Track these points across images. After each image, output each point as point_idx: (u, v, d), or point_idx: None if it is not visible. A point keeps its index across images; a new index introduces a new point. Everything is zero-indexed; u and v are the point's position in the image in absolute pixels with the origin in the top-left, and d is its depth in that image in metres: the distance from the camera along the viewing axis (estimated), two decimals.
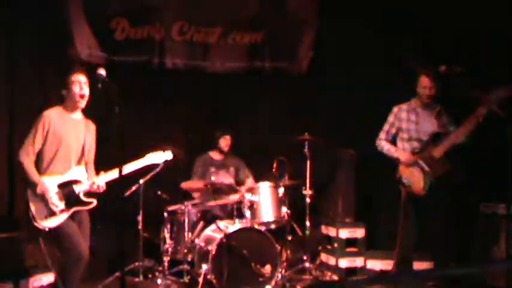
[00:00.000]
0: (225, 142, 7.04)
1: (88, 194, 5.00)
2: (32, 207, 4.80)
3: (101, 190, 5.00)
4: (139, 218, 6.37)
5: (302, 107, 7.60)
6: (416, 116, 5.68)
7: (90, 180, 4.99)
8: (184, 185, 6.93)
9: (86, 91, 5.01)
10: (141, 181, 6.32)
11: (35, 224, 4.79)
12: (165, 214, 6.38)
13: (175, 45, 7.32)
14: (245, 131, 7.69)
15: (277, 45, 7.55)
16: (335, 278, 6.67)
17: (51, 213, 4.80)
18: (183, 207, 6.31)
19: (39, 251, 5.89)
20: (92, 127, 5.18)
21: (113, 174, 4.92)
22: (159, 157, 5.43)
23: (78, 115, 5.11)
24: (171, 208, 6.44)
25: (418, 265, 6.17)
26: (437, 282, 5.82)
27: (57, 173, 4.90)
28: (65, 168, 4.94)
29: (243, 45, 7.47)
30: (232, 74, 7.52)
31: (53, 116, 4.97)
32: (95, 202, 5.01)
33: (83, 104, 5.03)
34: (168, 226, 6.37)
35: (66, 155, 4.96)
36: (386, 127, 5.90)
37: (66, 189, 4.89)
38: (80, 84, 4.98)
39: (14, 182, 6.53)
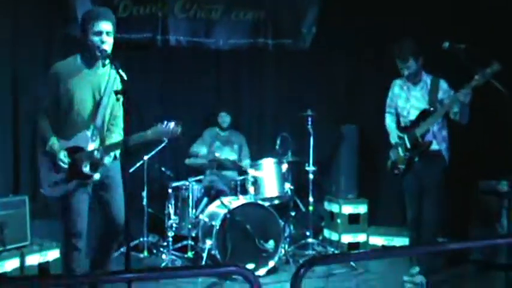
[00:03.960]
0: (221, 119, 7.14)
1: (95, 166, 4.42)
2: (40, 173, 4.46)
3: (102, 162, 4.39)
4: (144, 194, 6.43)
5: (305, 83, 7.61)
6: (408, 92, 5.55)
7: (94, 149, 4.39)
8: (188, 161, 6.99)
9: (108, 45, 4.33)
10: (145, 157, 6.38)
11: (41, 191, 4.50)
12: (169, 190, 6.44)
13: (179, 22, 7.30)
14: (248, 107, 7.75)
15: (281, 21, 7.52)
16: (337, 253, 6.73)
17: (55, 183, 4.39)
18: (187, 183, 6.36)
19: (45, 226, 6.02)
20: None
21: (117, 146, 4.40)
22: (166, 130, 4.41)
23: (100, 68, 4.44)
24: (175, 184, 6.50)
25: None
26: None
27: (67, 135, 4.42)
28: (75, 131, 4.41)
29: (246, 22, 7.44)
30: (236, 50, 7.51)
31: (63, 69, 4.40)
32: (96, 176, 4.40)
33: (107, 60, 4.32)
34: (172, 202, 6.43)
35: (77, 117, 4.40)
36: (388, 100, 5.81)
37: (71, 157, 4.39)
38: (102, 36, 4.31)
39: (19, 163, 6.60)
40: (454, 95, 5.23)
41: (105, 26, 4.33)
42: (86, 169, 4.39)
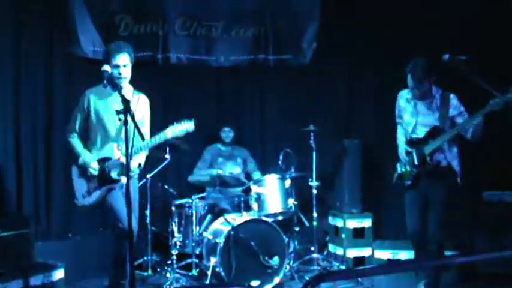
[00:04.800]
0: (225, 134, 7.19)
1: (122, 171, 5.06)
2: (74, 186, 5.13)
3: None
4: (147, 212, 6.43)
5: (307, 98, 7.63)
6: (415, 106, 5.39)
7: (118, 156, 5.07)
8: (191, 178, 6.99)
9: (126, 73, 5.12)
10: (148, 176, 6.38)
11: (75, 201, 5.15)
12: (173, 208, 6.42)
13: (179, 40, 7.32)
14: (251, 123, 7.75)
15: (281, 37, 7.53)
16: (343, 268, 6.70)
17: (88, 192, 5.07)
18: (190, 201, 6.35)
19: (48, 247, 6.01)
20: (143, 101, 5.33)
21: (140, 149, 5.01)
22: (181, 128, 5.24)
23: (123, 91, 5.02)
24: (178, 202, 6.49)
25: None
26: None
27: (95, 149, 5.13)
28: (103, 145, 5.11)
29: (246, 38, 7.46)
30: (237, 67, 7.52)
31: (93, 93, 5.14)
32: (122, 180, 5.06)
33: (123, 82, 5.10)
34: (176, 220, 6.41)
35: (106, 132, 5.10)
36: (396, 112, 5.64)
37: (101, 166, 5.07)
38: (118, 68, 5.06)
39: (21, 180, 6.60)
40: (467, 120, 5.09)
41: (121, 60, 5.08)
42: (114, 174, 5.07)
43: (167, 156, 6.31)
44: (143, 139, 4.60)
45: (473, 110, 5.06)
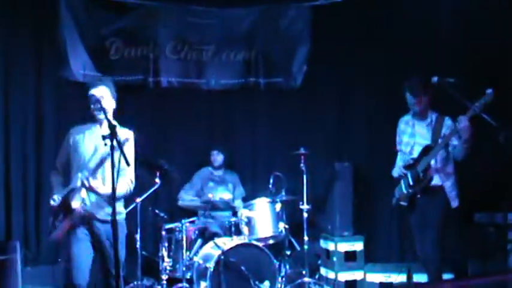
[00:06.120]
0: (213, 157, 7.18)
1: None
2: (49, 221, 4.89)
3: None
4: (138, 236, 6.38)
5: (298, 121, 7.63)
6: (413, 128, 5.60)
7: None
8: (182, 203, 6.97)
9: (103, 105, 4.72)
10: (138, 200, 6.34)
11: (48, 237, 4.95)
12: (163, 232, 6.38)
13: (170, 63, 7.35)
14: (242, 146, 7.73)
15: (271, 61, 7.57)
16: None
17: (53, 225, 4.80)
18: (180, 225, 6.32)
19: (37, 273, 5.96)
20: (125, 135, 4.78)
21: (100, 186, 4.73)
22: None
23: (103, 126, 4.80)
24: (168, 226, 6.45)
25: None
26: None
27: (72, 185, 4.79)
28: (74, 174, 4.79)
29: (236, 62, 7.50)
30: (227, 90, 7.54)
31: (75, 129, 4.95)
32: (78, 206, 4.69)
33: (102, 116, 4.72)
34: (166, 244, 6.36)
35: (81, 168, 4.76)
36: (396, 139, 5.81)
37: (65, 201, 4.75)
38: (92, 101, 4.81)
39: (11, 205, 6.57)
40: (453, 129, 5.24)
41: (97, 91, 4.82)
42: (75, 202, 4.68)
43: (157, 180, 6.28)
44: (128, 165, 4.37)
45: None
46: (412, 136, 5.58)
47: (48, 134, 6.83)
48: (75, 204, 4.68)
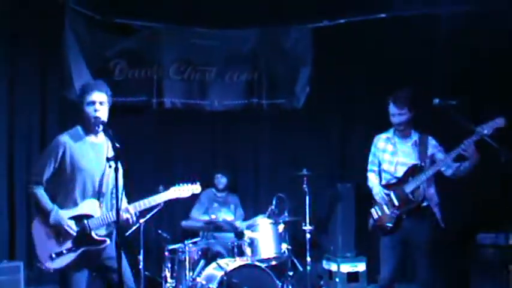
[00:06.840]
0: (217, 180, 7.20)
1: (102, 230, 4.42)
2: (37, 245, 4.31)
3: (131, 221, 4.52)
4: (141, 257, 6.38)
5: (300, 142, 7.65)
6: (394, 146, 5.40)
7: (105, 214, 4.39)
8: (186, 224, 6.97)
9: (102, 114, 4.43)
10: (142, 220, 6.34)
11: (38, 265, 4.32)
12: (166, 253, 6.39)
13: (173, 84, 7.40)
14: (244, 167, 7.76)
15: (274, 82, 7.63)
16: None
17: (58, 254, 4.29)
18: (183, 246, 6.32)
19: None
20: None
21: (142, 204, 4.57)
22: (187, 190, 5.01)
23: (99, 137, 4.50)
24: (171, 247, 6.46)
25: None
26: None
27: (70, 205, 4.35)
28: (81, 199, 4.37)
29: (239, 83, 7.56)
30: (230, 111, 7.58)
31: (69, 140, 4.38)
32: (108, 241, 4.41)
33: (100, 127, 4.42)
34: (169, 265, 6.37)
35: (83, 183, 4.37)
36: (370, 157, 5.63)
37: (78, 224, 4.35)
38: (95, 105, 4.42)
39: (14, 225, 6.58)
40: (446, 155, 5.14)
41: (97, 96, 4.45)
42: (101, 233, 4.40)
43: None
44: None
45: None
46: (394, 154, 5.38)
47: None
48: (100, 233, 4.40)
